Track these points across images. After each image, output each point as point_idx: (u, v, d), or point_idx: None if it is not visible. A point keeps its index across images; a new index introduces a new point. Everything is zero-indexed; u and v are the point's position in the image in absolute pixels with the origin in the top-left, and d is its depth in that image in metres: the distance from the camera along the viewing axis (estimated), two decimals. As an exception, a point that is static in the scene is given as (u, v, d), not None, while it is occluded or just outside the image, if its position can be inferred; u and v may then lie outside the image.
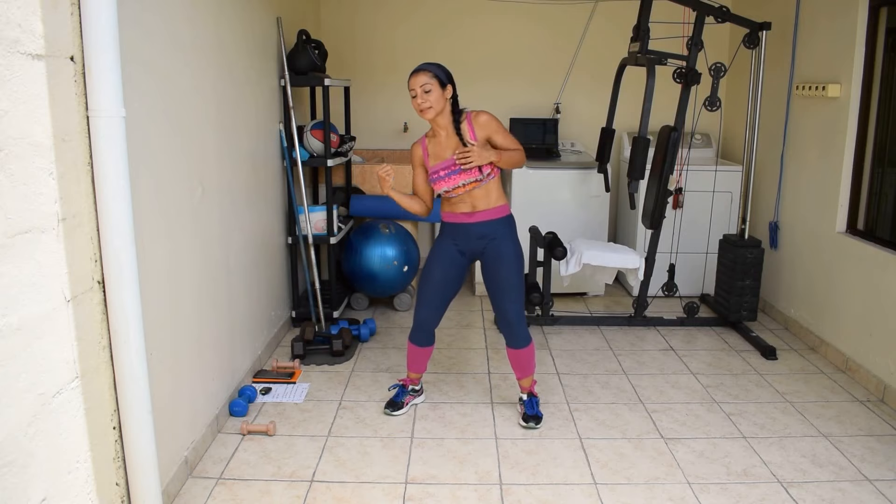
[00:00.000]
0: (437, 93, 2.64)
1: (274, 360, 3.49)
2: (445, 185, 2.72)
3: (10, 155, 1.52)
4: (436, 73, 2.66)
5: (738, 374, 3.43)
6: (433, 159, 2.76)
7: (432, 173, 2.74)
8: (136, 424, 1.97)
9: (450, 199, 2.78)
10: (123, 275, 1.86)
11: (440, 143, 2.76)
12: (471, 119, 2.73)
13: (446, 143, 2.74)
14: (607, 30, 4.68)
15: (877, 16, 3.37)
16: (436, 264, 2.84)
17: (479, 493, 2.41)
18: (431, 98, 2.63)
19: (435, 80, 2.65)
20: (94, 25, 1.73)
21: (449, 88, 2.69)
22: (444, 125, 2.73)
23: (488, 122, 2.73)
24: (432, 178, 2.75)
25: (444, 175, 2.71)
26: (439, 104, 2.66)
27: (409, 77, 2.68)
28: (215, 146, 2.78)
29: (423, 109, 2.65)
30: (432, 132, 2.79)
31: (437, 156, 2.76)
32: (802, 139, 3.93)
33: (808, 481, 2.49)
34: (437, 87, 2.64)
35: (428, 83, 2.63)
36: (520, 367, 2.91)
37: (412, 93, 2.66)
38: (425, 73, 2.65)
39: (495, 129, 2.74)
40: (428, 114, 2.66)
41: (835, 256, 3.59)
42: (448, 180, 2.70)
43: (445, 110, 2.70)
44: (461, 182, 2.69)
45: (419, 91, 2.64)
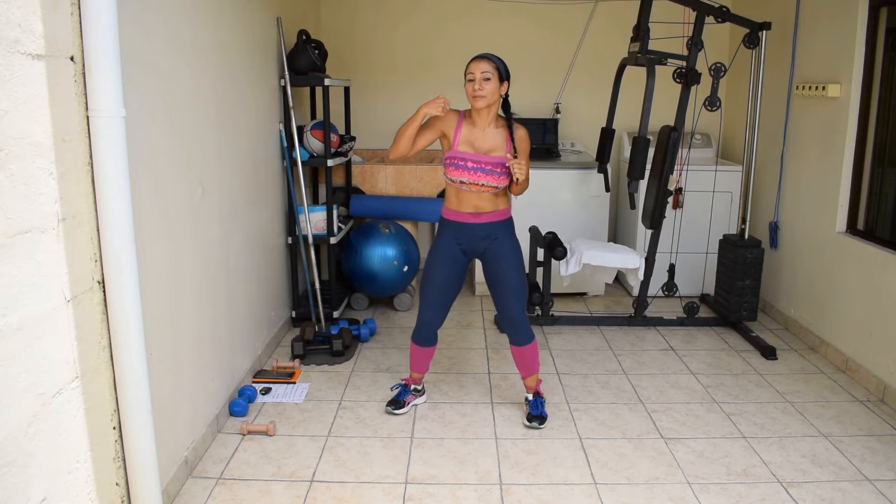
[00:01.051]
0: (495, 84, 2.60)
1: (274, 360, 3.49)
2: (465, 177, 2.64)
3: (10, 155, 1.52)
4: (497, 65, 2.61)
5: (738, 374, 3.43)
6: (463, 145, 2.67)
7: (455, 158, 2.65)
8: (136, 424, 1.97)
9: (458, 195, 2.72)
10: (123, 275, 1.86)
11: (475, 134, 2.68)
12: (514, 129, 2.69)
13: (482, 137, 2.67)
14: (607, 30, 4.68)
15: (877, 16, 3.37)
16: (438, 264, 2.83)
17: (479, 493, 2.41)
18: (488, 87, 2.58)
19: (496, 71, 2.59)
20: (94, 25, 1.73)
21: (505, 84, 2.65)
22: (488, 119, 2.67)
23: (524, 138, 2.71)
24: (453, 161, 2.65)
25: (471, 167, 2.63)
26: (493, 96, 2.61)
27: (469, 61, 2.62)
28: (215, 146, 2.78)
29: (476, 96, 2.58)
30: (471, 118, 2.70)
31: (468, 143, 2.67)
32: (802, 139, 3.93)
33: (808, 481, 2.49)
34: (495, 79, 2.59)
35: (489, 71, 2.58)
36: (524, 366, 2.91)
37: (469, 76, 2.59)
38: (488, 61, 2.60)
39: (524, 150, 2.72)
40: (480, 102, 2.59)
41: (835, 256, 3.59)
42: (470, 174, 2.64)
43: (495, 106, 2.66)
44: (482, 182, 2.64)
45: (478, 76, 2.57)
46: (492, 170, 2.64)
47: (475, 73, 2.59)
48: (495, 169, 2.65)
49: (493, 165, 2.65)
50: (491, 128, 2.69)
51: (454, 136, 2.69)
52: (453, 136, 2.69)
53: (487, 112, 2.66)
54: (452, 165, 2.67)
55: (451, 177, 2.69)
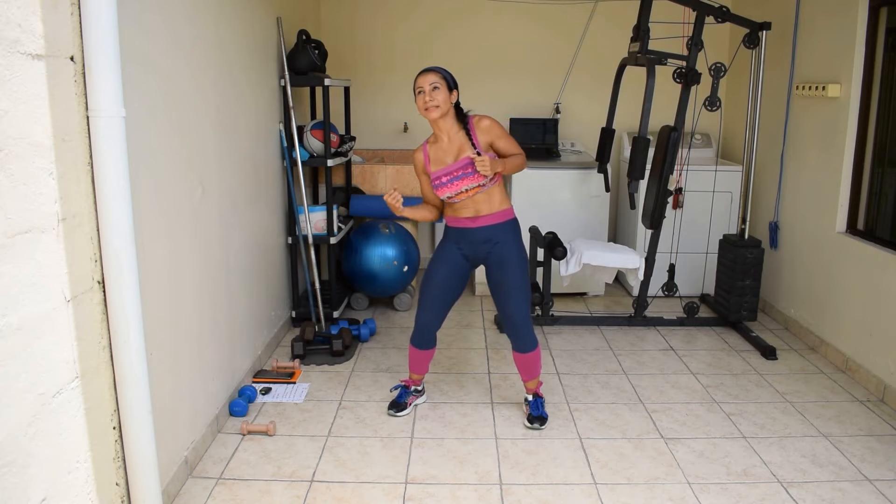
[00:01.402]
0: (445, 94, 2.64)
1: (274, 360, 3.49)
2: (448, 191, 2.70)
3: (10, 155, 1.52)
4: (444, 75, 2.66)
5: (738, 374, 3.43)
6: (434, 164, 2.74)
7: (434, 179, 2.72)
8: (136, 424, 1.97)
9: (453, 205, 2.77)
10: (123, 275, 1.86)
11: (442, 149, 2.74)
12: (473, 124, 2.71)
13: (448, 148, 2.72)
14: (607, 30, 4.68)
15: (877, 16, 3.37)
16: (439, 268, 2.83)
17: (479, 493, 2.41)
18: (439, 97, 2.62)
19: (443, 81, 2.64)
20: (94, 25, 1.73)
21: (455, 93, 2.69)
22: (447, 129, 2.71)
23: (490, 127, 2.72)
24: (434, 183, 2.72)
25: (446, 181, 2.69)
26: (446, 105, 2.65)
27: (416, 77, 2.66)
28: (215, 146, 2.78)
29: (429, 108, 2.62)
30: (434, 137, 2.77)
31: (438, 161, 2.74)
32: (802, 139, 3.93)
33: (808, 481, 2.49)
34: (444, 88, 2.64)
35: (437, 82, 2.63)
36: (526, 371, 2.91)
37: (419, 90, 2.64)
38: (433, 73, 2.65)
39: (497, 135, 2.73)
40: (433, 112, 2.63)
41: (835, 256, 3.59)
42: (450, 186, 2.68)
43: (450, 114, 2.69)
44: (464, 187, 2.68)
45: (427, 88, 2.62)
46: (464, 173, 2.67)
47: (424, 86, 2.63)
48: (467, 170, 2.67)
49: (462, 168, 2.68)
50: (454, 134, 2.73)
51: (426, 164, 2.77)
52: (425, 164, 2.77)
53: (444, 122, 2.70)
54: (436, 187, 2.73)
55: (440, 197, 2.76)
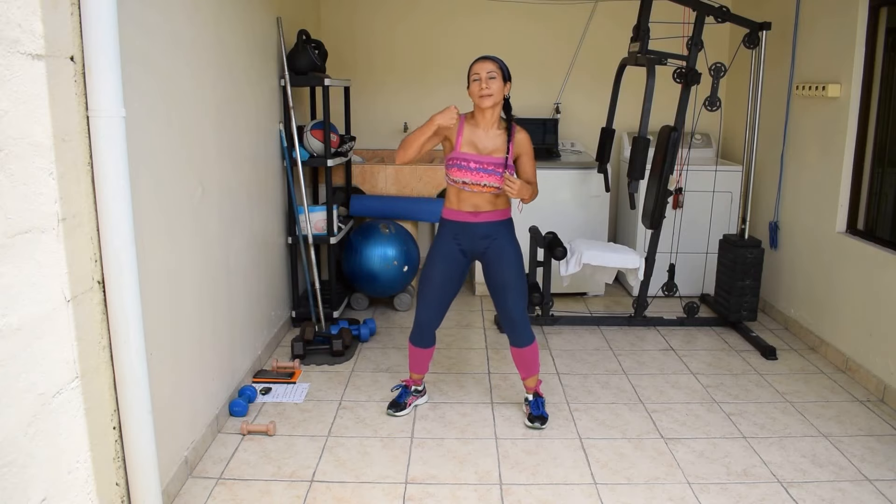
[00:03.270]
0: (500, 84, 2.62)
1: (274, 360, 3.49)
2: (465, 177, 2.66)
3: (10, 155, 1.52)
4: (501, 65, 2.64)
5: (738, 374, 3.43)
6: (466, 145, 2.69)
7: (458, 159, 2.67)
8: (136, 424, 1.97)
9: (459, 195, 2.73)
10: (123, 275, 1.86)
11: (477, 134, 2.69)
12: (514, 131, 2.70)
13: (485, 137, 2.69)
14: (607, 30, 4.68)
15: (877, 16, 3.37)
16: (437, 264, 2.83)
17: (479, 493, 2.41)
18: (494, 86, 2.60)
19: (500, 71, 2.62)
20: (94, 25, 1.73)
21: (508, 85, 2.67)
22: (491, 120, 2.68)
23: (525, 141, 2.72)
24: (456, 162, 2.67)
25: (474, 167, 2.64)
26: (499, 95, 2.63)
27: (472, 63, 2.64)
28: (215, 146, 2.78)
29: (483, 95, 2.59)
30: (473, 119, 2.72)
31: (471, 144, 2.69)
32: (802, 139, 3.93)
33: (808, 481, 2.49)
34: (500, 79, 2.62)
35: (494, 71, 2.61)
36: (524, 367, 2.91)
37: (475, 77, 2.61)
38: (492, 62, 2.63)
39: (527, 152, 2.74)
40: (487, 101, 2.60)
41: (835, 256, 3.59)
42: (473, 174, 2.65)
43: (499, 106, 2.67)
44: (484, 182, 2.66)
45: (484, 76, 2.59)
46: (493, 170, 2.65)
47: (481, 73, 2.61)
48: (497, 169, 2.65)
49: (494, 166, 2.65)
50: (493, 129, 2.70)
51: (457, 138, 2.70)
52: (456, 138, 2.71)
53: (491, 112, 2.67)
54: (455, 166, 2.68)
55: (453, 177, 2.70)
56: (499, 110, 2.70)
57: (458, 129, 2.71)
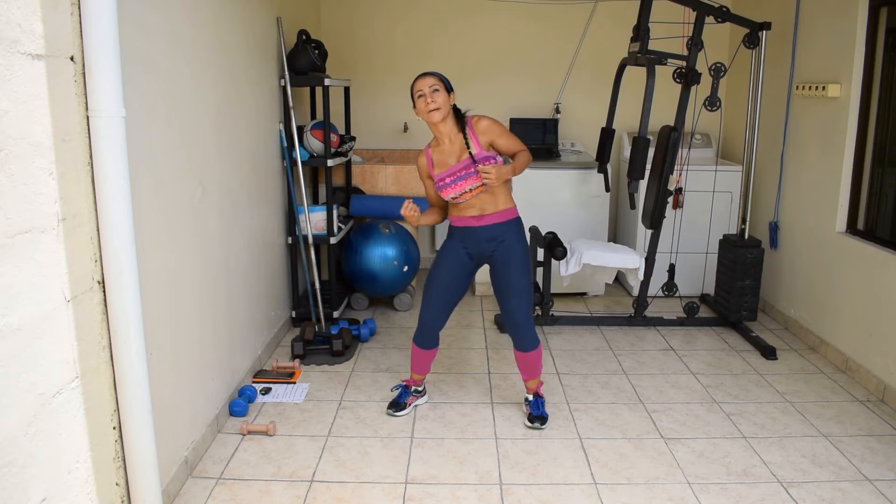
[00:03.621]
0: (444, 96, 2.65)
1: (274, 360, 3.49)
2: (452, 192, 2.71)
3: (10, 155, 1.52)
4: (441, 78, 2.69)
5: (738, 374, 3.43)
6: (438, 168, 2.75)
7: (438, 181, 2.73)
8: (136, 424, 1.97)
9: (458, 205, 2.77)
10: (123, 275, 1.86)
11: (444, 151, 2.75)
12: (472, 125, 2.72)
13: (450, 150, 2.74)
14: (607, 29, 4.68)
15: (877, 16, 3.37)
16: (443, 267, 2.84)
17: (479, 493, 2.41)
18: (439, 99, 2.63)
19: (441, 83, 2.67)
20: (94, 25, 1.73)
21: (452, 95, 2.71)
22: (448, 132, 2.72)
23: (489, 127, 2.73)
24: (438, 185, 2.74)
25: (449, 182, 2.70)
26: (446, 107, 2.66)
27: (413, 82, 2.68)
28: (215, 146, 2.78)
29: (431, 110, 2.63)
30: (435, 141, 2.78)
31: (441, 164, 2.75)
32: (802, 139, 3.93)
33: (808, 481, 2.49)
34: (443, 91, 2.66)
35: (435, 84, 2.65)
36: (527, 370, 2.91)
37: (419, 93, 2.65)
38: (432, 76, 2.67)
39: (497, 133, 2.74)
40: (435, 115, 2.64)
41: (835, 256, 3.59)
42: (454, 187, 2.69)
43: (449, 116, 2.71)
44: (467, 188, 2.69)
45: (427, 91, 2.63)
46: (466, 173, 2.68)
47: (423, 89, 2.65)
48: (469, 170, 2.68)
49: (465, 168, 2.69)
50: (455, 136, 2.74)
51: (430, 168, 2.78)
52: (429, 168, 2.78)
53: (444, 125, 2.70)
54: (441, 189, 2.74)
55: (445, 198, 2.77)
56: (451, 120, 2.72)
57: (427, 161, 2.79)
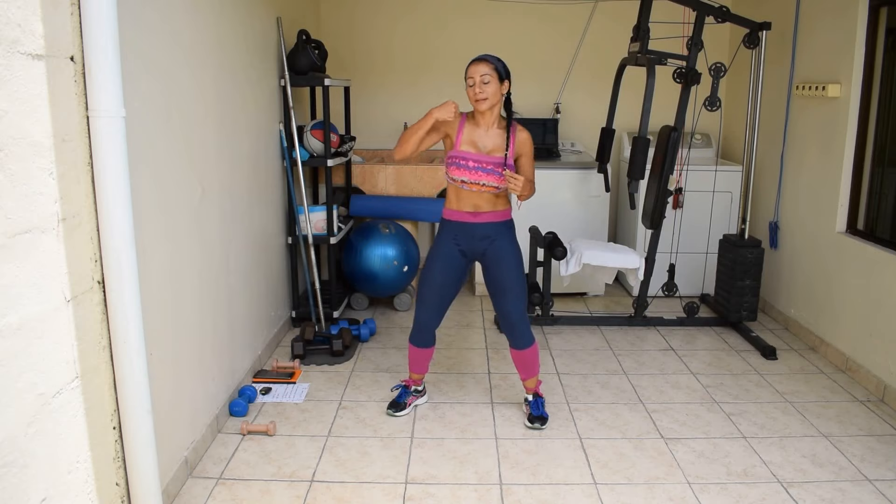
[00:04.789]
0: (495, 86, 2.60)
1: (274, 360, 3.49)
2: (463, 176, 2.65)
3: (10, 155, 1.52)
4: (496, 66, 2.61)
5: (738, 374, 3.43)
6: (466, 144, 2.68)
7: (457, 157, 2.66)
8: (136, 424, 1.97)
9: (458, 194, 2.73)
10: (123, 275, 1.86)
11: (477, 133, 2.68)
12: (515, 131, 2.69)
13: (484, 137, 2.68)
14: (607, 29, 4.68)
15: (877, 16, 3.37)
16: (436, 265, 2.82)
17: (479, 493, 2.41)
18: (489, 90, 2.58)
19: (495, 72, 2.60)
20: (94, 25, 1.73)
21: (506, 84, 2.65)
22: (489, 120, 2.68)
23: (526, 141, 2.71)
24: (455, 160, 2.66)
25: (472, 166, 2.64)
26: (495, 97, 2.62)
27: (468, 64, 2.62)
28: (215, 146, 2.78)
29: (478, 100, 2.59)
30: (473, 118, 2.71)
31: (471, 142, 2.68)
32: (802, 139, 3.93)
33: (808, 481, 2.49)
34: (495, 80, 2.60)
35: (488, 74, 2.58)
36: (524, 368, 2.91)
37: (469, 81, 2.60)
38: (487, 64, 2.60)
39: (527, 153, 2.73)
40: (482, 105, 2.60)
41: (835, 256, 3.59)
42: (472, 173, 2.64)
43: (498, 106, 2.66)
44: (483, 181, 2.65)
45: (478, 80, 2.58)
46: (493, 169, 2.65)
47: (475, 77, 2.59)
48: (496, 169, 2.65)
49: (494, 165, 2.65)
50: (493, 128, 2.70)
51: (457, 136, 2.70)
52: (456, 136, 2.70)
53: (490, 113, 2.67)
54: (454, 165, 2.67)
55: (452, 176, 2.70)
56: (498, 109, 2.69)
57: (458, 128, 2.70)
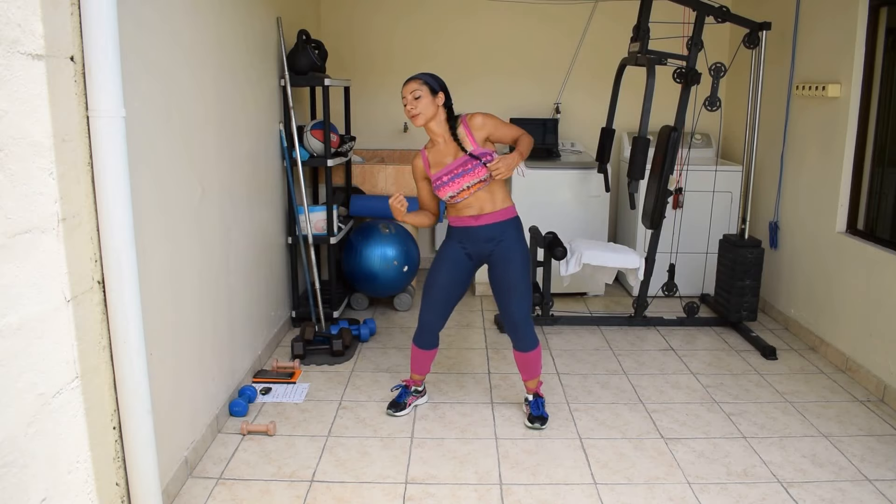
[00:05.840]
0: (428, 99, 2.67)
1: (274, 360, 3.49)
2: (450, 190, 2.71)
3: (10, 155, 1.52)
4: (426, 81, 2.70)
5: (738, 374, 3.43)
6: (434, 168, 2.77)
7: (435, 180, 2.74)
8: (136, 424, 1.97)
9: (456, 205, 2.77)
10: (123, 275, 1.86)
11: (439, 151, 2.77)
12: (466, 123, 2.73)
13: (445, 150, 2.75)
14: (607, 29, 4.68)
15: (877, 16, 3.37)
16: (442, 267, 2.84)
17: (479, 493, 2.41)
18: (420, 105, 2.66)
19: (425, 86, 2.68)
20: (94, 25, 1.73)
21: (441, 95, 2.72)
22: (440, 132, 2.75)
23: (483, 122, 2.74)
24: (436, 185, 2.75)
25: (447, 180, 2.71)
26: (429, 111, 2.68)
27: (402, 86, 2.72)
28: (215, 146, 2.78)
29: (412, 116, 2.68)
30: (431, 142, 2.81)
31: (438, 163, 2.76)
32: (802, 139, 3.93)
33: (808, 481, 2.49)
34: (427, 94, 2.67)
35: (418, 90, 2.67)
36: (526, 370, 2.91)
37: (404, 101, 2.69)
38: (415, 81, 2.70)
39: (493, 126, 2.76)
40: (418, 120, 2.68)
41: (835, 256, 3.59)
42: (452, 185, 2.70)
43: (439, 117, 2.73)
44: (465, 185, 2.69)
45: (409, 98, 2.67)
46: (463, 170, 2.69)
47: (406, 96, 2.69)
48: (466, 167, 2.69)
49: (461, 165, 2.70)
50: (448, 136, 2.76)
51: (427, 168, 2.80)
52: (426, 169, 2.80)
53: (436, 125, 2.73)
54: (438, 188, 2.75)
55: (442, 197, 2.78)
56: (442, 121, 2.74)
57: (424, 163, 2.80)
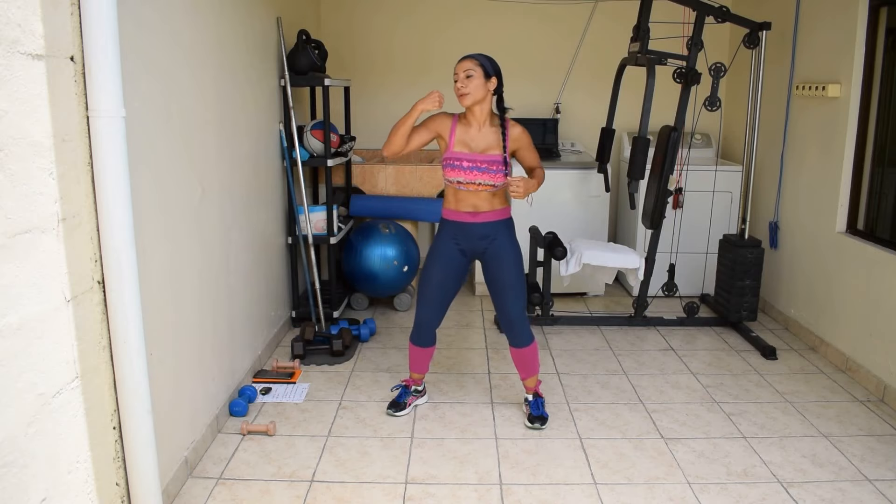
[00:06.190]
0: (479, 81, 2.63)
1: (274, 360, 3.49)
2: (462, 176, 2.67)
3: (10, 155, 1.52)
4: (481, 62, 2.65)
5: (738, 374, 3.43)
6: (459, 145, 2.71)
7: (451, 158, 2.69)
8: (136, 424, 1.97)
9: (456, 195, 2.74)
10: (123, 275, 1.86)
11: (470, 133, 2.71)
12: (507, 126, 2.72)
13: (477, 136, 2.71)
14: (607, 29, 4.68)
15: (877, 16, 3.37)
16: (436, 264, 2.83)
17: (479, 493, 2.41)
18: (472, 84, 2.62)
19: (479, 67, 2.64)
20: (94, 25, 1.73)
21: (493, 80, 2.67)
22: (481, 118, 2.70)
23: (521, 136, 2.74)
24: (450, 162, 2.69)
25: (467, 167, 2.66)
26: (479, 93, 2.64)
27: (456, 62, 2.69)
28: (215, 146, 2.78)
29: (461, 94, 2.64)
30: (465, 119, 2.74)
31: (463, 143, 2.71)
32: (802, 139, 3.93)
33: (808, 481, 2.49)
34: (480, 76, 2.63)
35: (471, 69, 2.63)
36: (524, 367, 2.91)
37: (455, 77, 2.65)
38: (470, 60, 2.65)
39: (526, 144, 2.77)
40: (466, 100, 2.64)
41: (835, 256, 3.59)
42: (467, 173, 2.67)
43: (486, 102, 2.69)
44: (479, 181, 2.67)
45: (461, 76, 2.63)
46: (487, 168, 2.66)
47: (458, 73, 2.65)
48: (491, 167, 2.66)
49: (488, 164, 2.67)
50: (486, 126, 2.72)
51: (450, 138, 2.72)
52: (449, 138, 2.73)
53: (479, 110, 2.69)
54: (449, 166, 2.70)
55: (448, 177, 2.72)
56: (488, 107, 2.71)
57: (450, 129, 2.73)
